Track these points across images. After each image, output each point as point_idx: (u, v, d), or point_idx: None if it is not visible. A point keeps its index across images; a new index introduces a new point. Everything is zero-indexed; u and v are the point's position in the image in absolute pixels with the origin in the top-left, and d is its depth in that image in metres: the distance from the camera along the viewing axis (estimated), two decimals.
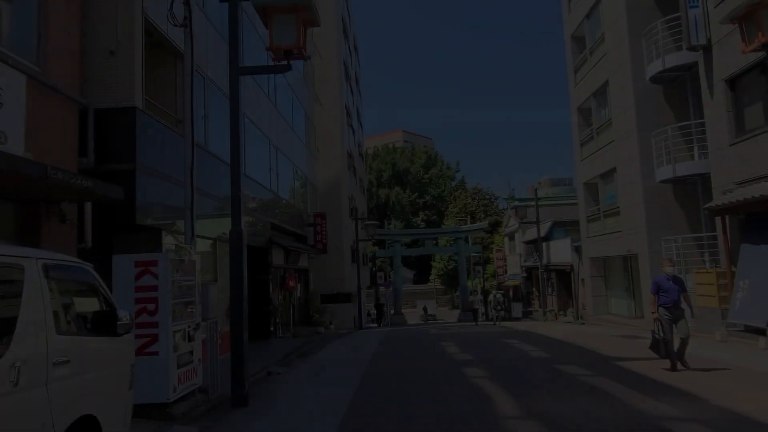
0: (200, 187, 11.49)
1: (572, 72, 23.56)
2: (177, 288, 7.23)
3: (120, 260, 7.05)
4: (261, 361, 12.10)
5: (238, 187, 8.02)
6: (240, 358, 7.64)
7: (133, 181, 8.52)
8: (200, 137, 11.72)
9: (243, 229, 7.97)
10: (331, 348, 15.19)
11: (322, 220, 24.78)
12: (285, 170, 20.00)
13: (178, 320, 7.17)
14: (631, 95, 17.48)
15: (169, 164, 9.59)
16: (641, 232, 17.19)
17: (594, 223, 21.85)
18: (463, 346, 13.28)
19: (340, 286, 28.31)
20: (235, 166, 8.04)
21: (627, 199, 18.18)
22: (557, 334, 15.76)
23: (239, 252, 7.88)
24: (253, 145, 16.00)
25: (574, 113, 23.37)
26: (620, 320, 19.95)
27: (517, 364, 9.64)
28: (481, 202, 75.02)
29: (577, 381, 7.82)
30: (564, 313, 26.40)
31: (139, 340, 6.82)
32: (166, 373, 6.77)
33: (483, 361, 10.40)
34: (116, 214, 8.52)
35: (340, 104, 30.54)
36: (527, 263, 33.51)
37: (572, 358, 10.28)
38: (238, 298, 7.79)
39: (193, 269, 7.73)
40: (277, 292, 19.16)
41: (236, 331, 7.74)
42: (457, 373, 8.93)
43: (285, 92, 20.52)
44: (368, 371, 9.89)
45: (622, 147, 18.43)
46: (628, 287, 20.25)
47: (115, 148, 8.63)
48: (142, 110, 8.84)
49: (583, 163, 22.65)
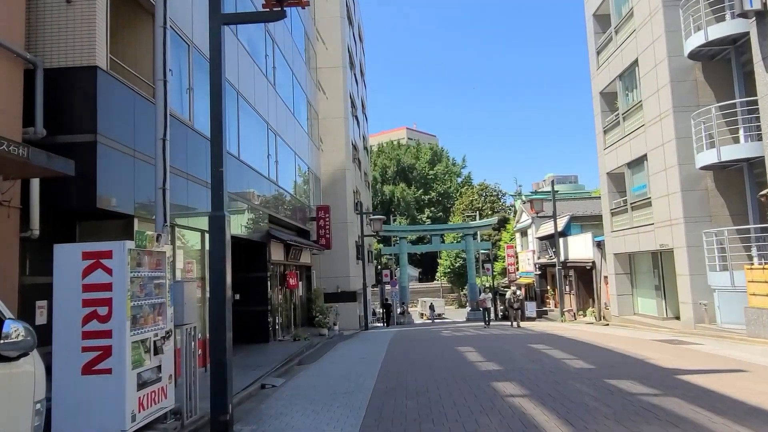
0: (187, 172, 9.98)
1: (593, 54, 21.88)
2: (140, 287, 5.69)
3: (63, 251, 5.50)
4: (255, 370, 10.57)
5: (220, 161, 6.45)
6: (221, 375, 6.08)
7: (93, 155, 6.96)
8: (185, 112, 10.16)
9: (227, 214, 6.42)
10: (334, 354, 13.63)
11: (325, 213, 23.21)
12: (285, 158, 18.44)
13: (141, 327, 5.63)
14: (666, 74, 15.83)
15: (145, 139, 8.03)
16: (678, 224, 15.55)
17: (619, 216, 20.20)
18: (484, 353, 11.69)
19: (345, 284, 26.74)
20: (216, 137, 6.47)
21: (660, 188, 16.53)
22: (586, 338, 14.15)
23: (221, 242, 6.31)
24: (249, 128, 14.45)
25: (596, 99, 21.70)
26: (648, 321, 18.34)
27: (558, 379, 8.05)
28: (488, 198, 73.37)
29: (644, 404, 6.23)
30: (583, 312, 24.76)
31: (87, 354, 5.29)
32: (121, 397, 5.23)
33: (514, 373, 8.82)
34: (73, 197, 6.98)
35: (345, 92, 28.93)
36: (541, 260, 31.86)
37: (621, 370, 8.69)
38: (219, 297, 6.23)
39: (163, 263, 6.18)
40: (277, 290, 17.62)
41: (216, 339, 6.18)
42: (489, 392, 7.35)
43: (285, 72, 18.94)
44: (379, 386, 8.33)
45: (654, 132, 16.77)
46: (658, 285, 18.61)
47: (71, 116, 7.08)
48: (105, 71, 7.28)
49: (606, 152, 20.99)
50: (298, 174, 20.82)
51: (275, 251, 16.78)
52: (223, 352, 6.13)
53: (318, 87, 26.66)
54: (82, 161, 6.91)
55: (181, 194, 9.58)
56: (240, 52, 13.72)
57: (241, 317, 14.76)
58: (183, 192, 9.72)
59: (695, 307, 15.00)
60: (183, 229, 10.13)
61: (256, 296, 15.46)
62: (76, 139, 6.99)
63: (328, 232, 23.36)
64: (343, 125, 28.61)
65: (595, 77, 21.82)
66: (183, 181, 9.71)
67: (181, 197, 9.59)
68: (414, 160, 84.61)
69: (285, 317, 18.54)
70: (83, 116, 7.06)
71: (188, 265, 10.49)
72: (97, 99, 7.07)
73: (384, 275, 46.02)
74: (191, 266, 10.57)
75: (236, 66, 13.39)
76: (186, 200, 9.85)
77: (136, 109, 8.07)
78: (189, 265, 10.54)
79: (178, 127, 9.72)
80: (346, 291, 26.53)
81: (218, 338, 6.16)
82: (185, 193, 9.84)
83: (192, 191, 10.10)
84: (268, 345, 14.99)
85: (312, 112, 24.43)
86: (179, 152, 9.64)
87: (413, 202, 79.76)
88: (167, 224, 6.78)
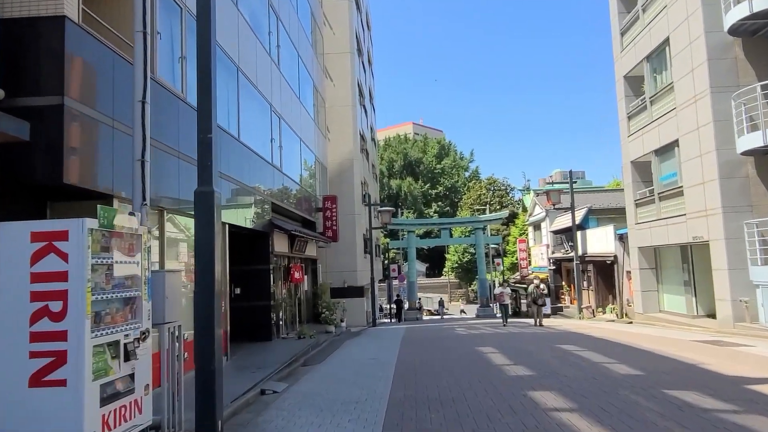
0: (179, 151, 8.87)
1: (617, 36, 20.59)
2: (105, 276, 4.59)
3: (6, 231, 4.40)
4: (255, 372, 9.48)
5: (209, 126, 5.33)
6: (208, 386, 4.99)
7: (59, 120, 5.85)
8: (177, 84, 9.03)
9: (217, 190, 5.31)
10: (342, 354, 12.54)
11: (332, 204, 22.10)
12: (290, 144, 17.32)
13: (107, 327, 4.53)
14: (703, 51, 14.56)
15: (127, 108, 6.91)
16: (715, 214, 14.32)
17: (644, 207, 18.96)
18: (509, 354, 10.55)
19: (352, 278, 25.63)
20: (204, 96, 5.35)
21: (694, 176, 15.29)
22: (616, 337, 12.99)
23: (209, 224, 5.21)
24: (251, 109, 13.33)
25: (620, 83, 20.41)
26: (677, 319, 17.13)
27: (606, 388, 6.90)
28: (497, 192, 72.07)
29: (727, 425, 5.08)
30: (602, 309, 23.55)
31: (36, 361, 4.20)
32: (78, 415, 4.14)
33: (551, 380, 7.69)
34: (36, 169, 5.88)
35: (353, 78, 27.73)
36: (555, 254, 30.64)
37: (677, 377, 7.54)
38: (206, 291, 5.14)
39: (137, 248, 5.07)
40: (281, 284, 16.53)
41: (202, 342, 5.08)
42: (528, 404, 6.22)
43: (290, 53, 17.80)
44: (395, 394, 7.23)
45: (687, 115, 15.52)
46: (688, 281, 17.39)
47: (34, 75, 5.97)
48: (76, 23, 6.16)
49: (630, 139, 19.73)
50: (304, 162, 19.71)
51: (279, 242, 15.68)
52: (211, 357, 5.04)
53: (325, 73, 25.51)
54: (47, 127, 5.83)
55: (172, 176, 8.47)
56: (241, 24, 12.58)
57: (241, 313, 13.69)
58: (174, 174, 8.61)
59: (734, 304, 13.79)
60: (177, 215, 9.01)
61: (257, 290, 14.37)
62: (40, 102, 5.88)
63: (335, 224, 22.26)
64: (351, 113, 27.43)
65: (618, 60, 20.53)
66: (174, 160, 8.60)
67: (171, 180, 8.49)
68: (421, 154, 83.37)
69: (289, 313, 17.47)
70: (49, 75, 5.94)
71: (182, 258, 9.39)
72: (65, 55, 5.95)
73: (392, 270, 44.99)
74: (184, 259, 9.46)
75: (236, 39, 12.26)
76: (177, 183, 8.72)
77: (116, 73, 6.95)
78: (182, 257, 9.43)
79: (170, 100, 8.62)
80: (353, 286, 25.43)
81: (204, 341, 5.06)
82: (176, 174, 8.72)
83: (185, 172, 8.96)
84: (271, 343, 13.91)
85: (318, 99, 23.28)
86: (170, 128, 8.54)
87: (420, 197, 78.57)
88: (146, 203, 5.67)
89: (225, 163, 11.12)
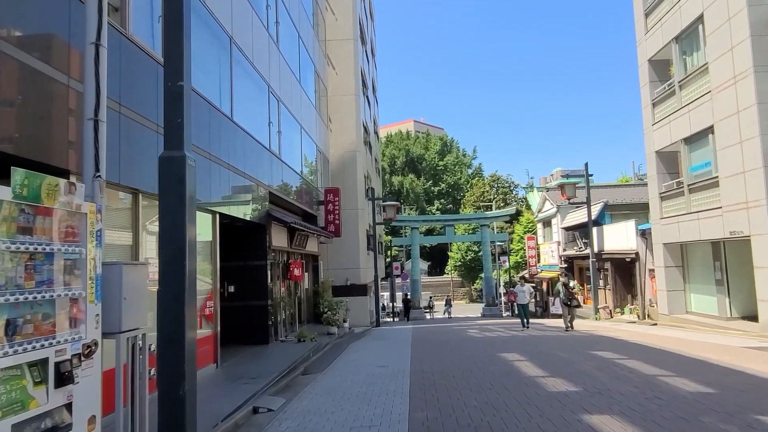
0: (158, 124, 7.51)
1: (641, 17, 19.23)
2: (25, 269, 3.26)
3: None
4: (248, 383, 8.17)
5: (179, 73, 4.00)
6: (176, 415, 3.67)
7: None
8: (156, 47, 7.68)
9: (188, 155, 3.98)
10: (347, 360, 11.22)
11: (335, 196, 20.78)
12: (289, 130, 15.99)
13: (25, 341, 3.21)
14: (745, 27, 13.22)
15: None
16: (758, 206, 12.98)
17: (671, 201, 17.62)
18: (540, 362, 9.23)
19: (355, 276, 24.30)
20: (173, 33, 4.02)
21: (732, 165, 13.95)
22: (653, 342, 11.66)
23: (178, 200, 3.89)
24: (245, 87, 12.01)
25: (643, 67, 19.06)
26: (707, 321, 15.82)
27: (680, 412, 5.58)
28: (500, 190, 70.74)
29: None
30: (621, 310, 22.22)
31: None
32: None
33: (602, 398, 6.38)
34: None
35: (356, 66, 26.37)
36: (567, 252, 29.30)
37: (756, 396, 6.21)
38: (174, 291, 3.81)
39: (81, 232, 3.75)
40: (279, 282, 15.22)
41: (169, 359, 3.76)
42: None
43: (290, 32, 16.46)
44: (416, 415, 5.92)
45: (724, 98, 14.18)
46: (720, 280, 16.05)
47: None
48: None
49: (655, 127, 18.37)
50: (305, 150, 18.38)
51: (277, 236, 14.36)
52: (180, 379, 3.72)
53: (327, 61, 24.17)
54: None
55: (150, 153, 7.14)
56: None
57: (236, 313, 12.40)
58: (152, 151, 7.28)
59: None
60: (156, 199, 7.68)
61: (253, 288, 13.06)
62: None
63: (337, 218, 20.95)
64: (354, 103, 26.07)
65: (642, 43, 19.17)
66: (152, 134, 7.27)
67: (150, 157, 7.16)
68: (423, 150, 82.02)
69: (288, 313, 16.17)
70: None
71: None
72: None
73: (394, 268, 43.76)
74: None
75: (230, 8, 10.94)
76: (156, 162, 7.38)
77: (71, 11, 5.61)
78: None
79: (147, 64, 7.29)
80: (356, 284, 24.10)
81: (171, 357, 3.74)
82: (155, 152, 7.38)
83: None
84: (268, 347, 12.61)
85: (320, 86, 21.95)
86: (149, 96, 7.21)
87: (422, 194, 77.24)
88: (100, 174, 4.34)
89: (216, 144, 9.81)
